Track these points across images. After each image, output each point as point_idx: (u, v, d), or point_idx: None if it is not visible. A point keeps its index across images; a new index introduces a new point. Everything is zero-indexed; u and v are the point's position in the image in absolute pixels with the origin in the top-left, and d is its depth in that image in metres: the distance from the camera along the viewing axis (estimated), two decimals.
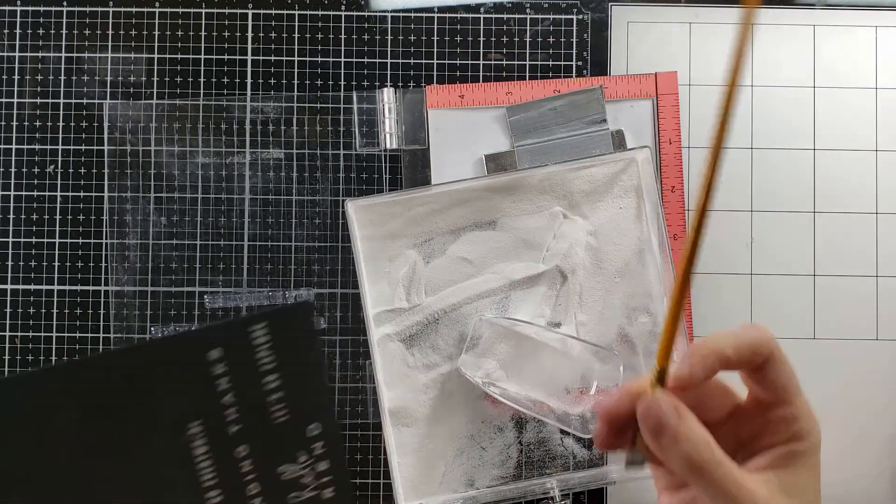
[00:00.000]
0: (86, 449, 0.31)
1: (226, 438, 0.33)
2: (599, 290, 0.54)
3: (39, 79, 0.58)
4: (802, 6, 0.57)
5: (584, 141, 0.55)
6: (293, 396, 0.34)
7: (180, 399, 0.31)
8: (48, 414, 0.29)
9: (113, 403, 0.31)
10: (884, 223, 0.56)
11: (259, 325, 0.31)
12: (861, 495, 0.56)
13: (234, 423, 0.33)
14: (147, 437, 0.32)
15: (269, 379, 0.33)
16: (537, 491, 0.54)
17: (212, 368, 0.31)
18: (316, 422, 0.35)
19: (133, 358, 0.30)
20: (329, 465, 0.36)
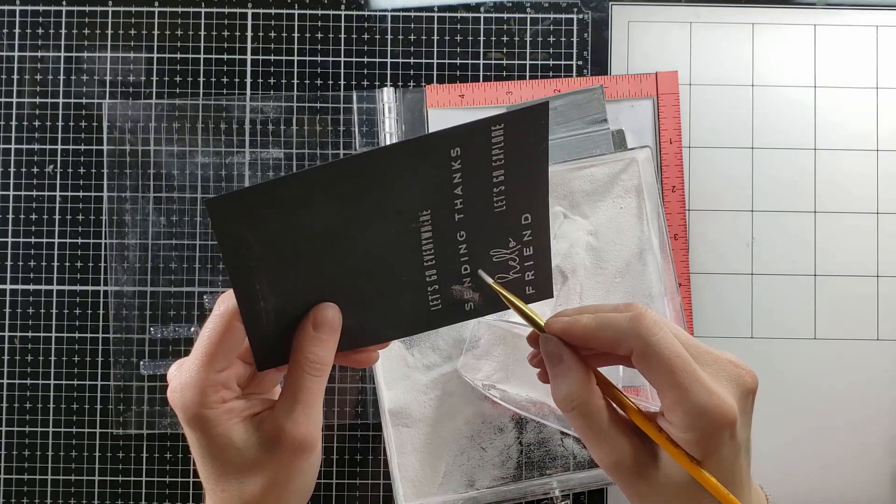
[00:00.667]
0: (330, 237, 0.36)
1: (450, 225, 0.38)
2: (600, 290, 0.54)
3: (39, 78, 0.57)
4: (803, 6, 0.57)
5: (584, 141, 0.55)
6: (514, 189, 0.38)
7: (418, 191, 0.36)
8: (302, 209, 0.33)
9: (361, 197, 0.34)
10: (884, 223, 0.56)
11: (498, 125, 0.34)
12: (861, 495, 0.56)
13: (458, 212, 0.37)
14: (385, 225, 0.36)
15: (497, 173, 0.37)
16: (537, 491, 0.54)
17: (450, 163, 0.34)
18: (528, 212, 0.39)
19: (385, 155, 0.33)
20: (533, 251, 0.40)
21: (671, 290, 0.53)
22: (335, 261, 0.37)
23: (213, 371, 0.37)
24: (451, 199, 0.37)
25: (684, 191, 0.56)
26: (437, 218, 0.37)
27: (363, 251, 0.37)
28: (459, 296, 0.40)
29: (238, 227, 0.34)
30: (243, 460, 0.37)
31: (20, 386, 0.57)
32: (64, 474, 0.56)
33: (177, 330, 0.56)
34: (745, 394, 0.36)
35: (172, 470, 0.56)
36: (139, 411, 0.56)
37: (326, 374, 0.38)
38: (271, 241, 0.35)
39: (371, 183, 0.35)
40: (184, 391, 0.37)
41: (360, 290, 0.38)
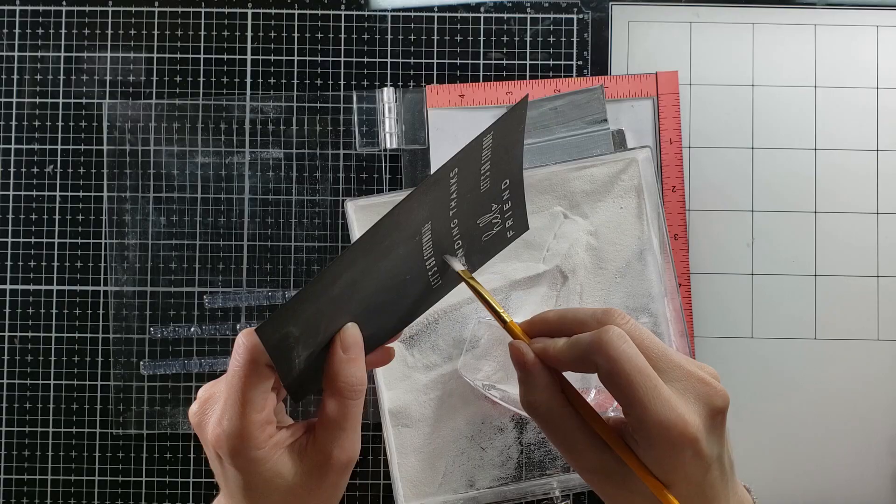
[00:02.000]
0: (352, 287, 0.38)
1: (446, 222, 0.40)
2: (600, 290, 0.54)
3: (39, 78, 0.57)
4: (803, 6, 0.57)
5: (584, 141, 0.55)
6: (496, 167, 0.40)
7: (423, 214, 0.38)
8: (334, 285, 0.36)
9: (380, 246, 0.37)
10: (884, 223, 0.56)
11: (488, 135, 0.36)
12: (861, 495, 0.56)
13: (451, 209, 0.39)
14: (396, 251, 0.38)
15: (485, 165, 0.39)
16: (538, 491, 0.54)
17: (450, 182, 0.38)
18: (507, 178, 0.41)
19: (403, 210, 0.35)
20: (511, 203, 0.43)
21: (671, 290, 0.53)
22: (356, 300, 0.38)
23: (254, 413, 0.37)
24: (447, 207, 0.39)
25: (684, 191, 0.56)
26: (435, 223, 0.39)
27: (376, 277, 0.38)
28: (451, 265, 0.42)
29: (281, 330, 0.35)
30: (289, 486, 0.38)
31: (20, 386, 0.57)
32: (64, 474, 0.56)
33: (177, 330, 0.56)
34: (713, 412, 0.35)
35: (172, 470, 0.56)
36: (139, 411, 0.56)
37: (364, 393, 0.38)
38: (309, 320, 0.36)
39: (388, 232, 0.36)
40: (230, 440, 0.37)
41: (374, 304, 0.39)
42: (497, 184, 0.41)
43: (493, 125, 0.37)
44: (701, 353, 0.56)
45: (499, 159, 0.39)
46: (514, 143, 0.40)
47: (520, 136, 0.40)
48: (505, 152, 0.39)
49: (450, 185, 0.38)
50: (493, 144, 0.38)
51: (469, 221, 0.41)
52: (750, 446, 0.56)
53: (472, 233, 0.42)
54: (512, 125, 0.39)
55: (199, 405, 0.38)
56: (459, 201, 0.39)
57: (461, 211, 0.40)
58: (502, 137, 0.38)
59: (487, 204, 0.41)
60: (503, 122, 0.37)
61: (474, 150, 0.37)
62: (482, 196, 0.41)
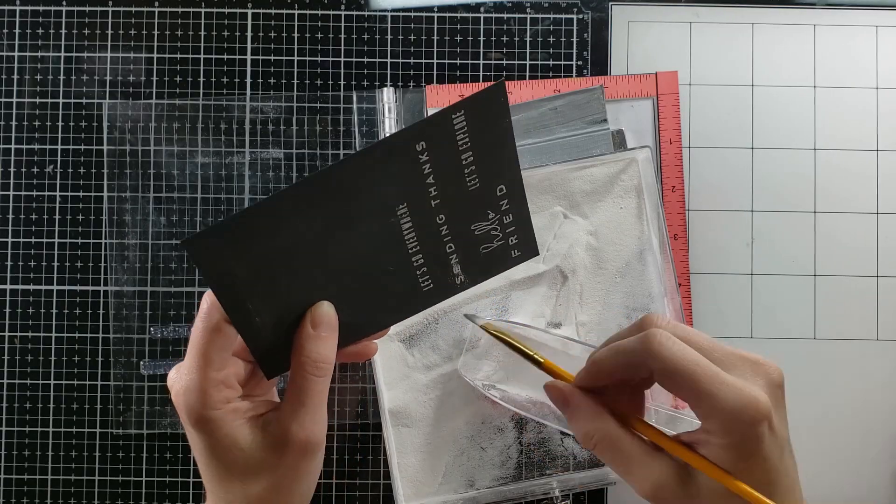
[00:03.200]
0: (312, 247, 0.37)
1: (427, 211, 0.39)
2: (600, 291, 0.54)
3: (39, 78, 0.57)
4: (802, 6, 0.57)
5: (584, 141, 0.55)
6: (484, 166, 0.39)
7: (392, 188, 0.38)
8: (280, 229, 0.36)
9: (336, 206, 0.37)
10: (884, 223, 0.56)
11: (458, 113, 0.36)
12: (861, 495, 0.56)
13: (433, 199, 0.39)
14: (364, 226, 0.38)
15: (466, 155, 0.39)
16: (537, 491, 0.54)
17: (418, 157, 0.37)
18: (502, 184, 0.41)
19: (355, 166, 0.35)
20: (513, 217, 0.42)
21: (671, 290, 0.53)
22: (321, 266, 0.38)
23: (211, 370, 0.37)
24: (424, 188, 0.38)
25: (684, 191, 0.56)
26: (413, 208, 0.38)
27: (346, 253, 0.38)
28: (447, 272, 0.42)
29: (220, 259, 0.35)
30: (248, 462, 0.38)
31: (20, 386, 0.57)
32: (64, 474, 0.56)
33: (177, 330, 0.56)
34: (774, 387, 0.35)
35: (172, 470, 0.56)
36: (139, 411, 0.56)
37: (329, 374, 0.38)
38: (255, 264, 0.36)
39: (344, 192, 0.36)
40: (187, 394, 0.37)
41: (350, 287, 0.39)
42: (489, 187, 0.40)
43: (462, 102, 0.36)
44: None
45: (484, 155, 0.39)
46: (501, 141, 0.39)
47: (505, 134, 0.39)
48: (490, 149, 0.39)
49: (420, 161, 0.37)
50: (468, 129, 0.37)
51: (461, 224, 0.41)
52: None
53: (466, 238, 0.41)
54: (490, 113, 0.38)
55: (175, 368, 0.39)
56: (442, 191, 0.39)
57: (447, 206, 0.39)
58: (480, 125, 0.38)
59: (482, 209, 0.41)
60: (474, 104, 0.37)
61: (443, 127, 0.37)
62: (472, 197, 0.40)
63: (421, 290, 0.41)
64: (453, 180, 0.39)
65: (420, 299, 0.42)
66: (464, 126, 0.37)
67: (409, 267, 0.40)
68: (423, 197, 0.38)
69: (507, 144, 0.39)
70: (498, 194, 0.41)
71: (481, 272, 0.43)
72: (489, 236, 0.42)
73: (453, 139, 0.37)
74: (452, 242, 0.41)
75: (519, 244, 0.43)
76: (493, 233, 0.42)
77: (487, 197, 0.40)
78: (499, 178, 0.40)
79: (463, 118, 0.37)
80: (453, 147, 0.38)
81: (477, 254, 0.42)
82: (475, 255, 0.42)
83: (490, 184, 0.40)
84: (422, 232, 0.39)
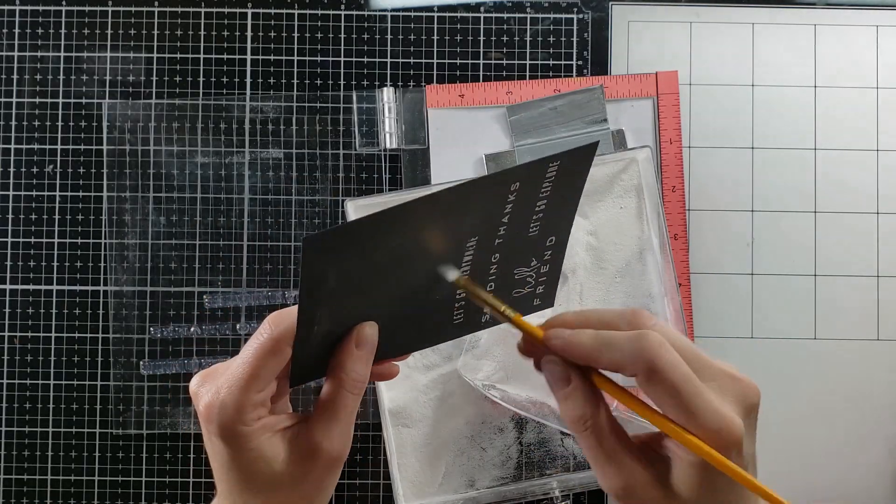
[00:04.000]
0: (393, 268, 0.37)
1: (489, 248, 0.39)
2: (600, 290, 0.54)
3: (39, 78, 0.57)
4: (803, 6, 0.57)
5: (584, 140, 0.55)
6: (549, 216, 0.39)
7: (475, 221, 0.37)
8: (382, 243, 0.36)
9: (431, 228, 0.36)
10: (884, 223, 0.56)
11: (554, 163, 0.37)
12: (861, 495, 0.56)
13: (499, 238, 0.39)
14: (439, 253, 0.37)
15: (541, 204, 0.39)
16: (537, 491, 0.54)
17: (507, 196, 0.37)
18: (554, 235, 0.41)
19: (462, 191, 0.36)
20: (549, 268, 0.42)
21: (671, 290, 0.53)
22: (389, 288, 0.38)
23: (254, 392, 0.36)
24: (497, 227, 0.38)
25: (684, 191, 0.56)
26: (481, 244, 0.38)
27: (411, 276, 0.38)
28: (480, 309, 0.41)
29: (324, 262, 0.35)
30: (273, 474, 0.37)
31: (20, 386, 0.57)
32: (64, 474, 0.56)
33: (177, 330, 0.56)
34: (749, 410, 0.35)
35: (172, 470, 0.56)
36: (139, 411, 0.56)
37: (363, 392, 0.38)
38: (347, 275, 0.36)
39: (444, 215, 0.36)
40: (223, 409, 0.36)
41: (398, 310, 0.39)
42: (544, 236, 0.40)
43: (560, 154, 0.36)
44: None
45: (553, 206, 0.38)
46: (572, 196, 0.39)
47: (578, 191, 0.39)
48: (561, 202, 0.39)
49: (507, 201, 0.37)
50: (553, 180, 0.37)
51: (508, 265, 0.40)
52: None
53: (506, 280, 0.41)
54: (575, 169, 0.38)
55: (201, 377, 0.38)
56: (509, 232, 0.38)
57: (505, 246, 0.39)
58: (563, 179, 0.37)
59: (529, 255, 0.40)
60: (569, 158, 0.36)
61: (538, 173, 0.36)
62: (527, 242, 0.40)
63: (451, 322, 0.41)
64: (521, 224, 0.39)
65: (448, 330, 0.41)
66: (552, 176, 0.37)
67: (452, 298, 0.40)
68: (492, 234, 0.38)
69: (575, 201, 0.39)
70: (546, 244, 0.40)
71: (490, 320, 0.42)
72: (524, 282, 0.41)
73: (539, 186, 0.37)
74: (494, 282, 0.40)
75: (543, 294, 0.42)
76: (528, 279, 0.41)
77: (539, 245, 0.40)
78: (555, 230, 0.40)
79: (555, 169, 0.37)
80: (535, 193, 0.38)
81: (508, 296, 0.41)
82: (507, 297, 0.41)
83: (546, 233, 0.40)
84: (476, 267, 0.39)
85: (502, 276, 0.40)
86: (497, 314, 0.38)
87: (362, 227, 0.34)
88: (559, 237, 0.41)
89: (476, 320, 0.42)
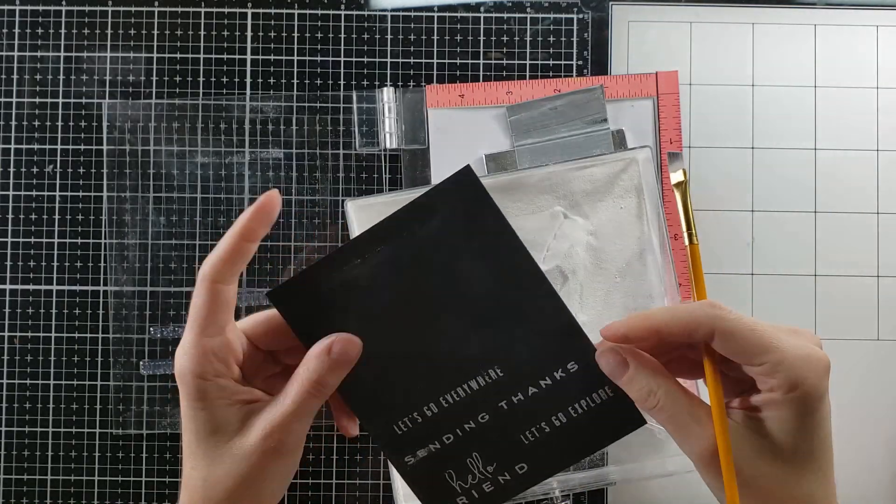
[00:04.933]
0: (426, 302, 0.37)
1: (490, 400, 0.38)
2: (600, 291, 0.54)
3: (39, 78, 0.57)
4: (803, 6, 0.57)
5: (584, 140, 0.55)
6: (548, 441, 0.38)
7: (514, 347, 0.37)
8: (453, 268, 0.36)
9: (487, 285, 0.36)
10: (884, 223, 0.56)
11: (608, 391, 0.38)
12: (861, 495, 0.56)
13: (506, 402, 0.38)
14: (468, 333, 0.37)
15: (561, 416, 0.38)
16: (537, 491, 0.54)
17: (557, 370, 0.38)
18: (528, 465, 0.39)
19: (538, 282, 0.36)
20: (490, 491, 0.40)
21: (671, 290, 0.53)
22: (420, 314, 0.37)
23: (203, 336, 0.37)
24: (519, 388, 0.38)
25: None
26: (496, 386, 0.38)
27: (441, 327, 0.37)
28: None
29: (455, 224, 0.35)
30: (218, 443, 0.37)
31: (20, 386, 0.57)
32: (64, 474, 0.56)
33: (177, 330, 0.56)
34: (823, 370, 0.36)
35: (172, 470, 0.56)
36: (139, 411, 0.56)
37: (325, 398, 0.38)
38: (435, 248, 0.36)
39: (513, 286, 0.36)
40: (179, 358, 0.37)
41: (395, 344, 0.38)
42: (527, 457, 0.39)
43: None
44: None
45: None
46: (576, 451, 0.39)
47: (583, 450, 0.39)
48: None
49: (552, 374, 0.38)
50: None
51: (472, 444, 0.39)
52: None
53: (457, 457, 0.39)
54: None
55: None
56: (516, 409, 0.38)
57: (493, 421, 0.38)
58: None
59: (495, 453, 0.39)
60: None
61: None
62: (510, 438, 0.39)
63: (391, 426, 0.39)
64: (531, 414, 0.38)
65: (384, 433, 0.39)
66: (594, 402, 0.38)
67: (419, 406, 0.38)
68: (504, 394, 0.38)
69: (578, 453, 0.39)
70: (516, 469, 0.39)
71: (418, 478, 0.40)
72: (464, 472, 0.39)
73: (580, 396, 0.38)
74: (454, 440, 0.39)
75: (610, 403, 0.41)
76: (469, 475, 0.39)
77: (513, 456, 0.39)
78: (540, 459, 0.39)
79: (602, 398, 0.38)
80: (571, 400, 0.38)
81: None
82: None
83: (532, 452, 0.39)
84: (464, 404, 0.38)
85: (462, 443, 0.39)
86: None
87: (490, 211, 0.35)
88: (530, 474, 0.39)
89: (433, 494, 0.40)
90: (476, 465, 0.39)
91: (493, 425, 0.38)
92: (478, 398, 0.38)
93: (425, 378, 0.38)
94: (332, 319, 0.37)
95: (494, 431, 0.38)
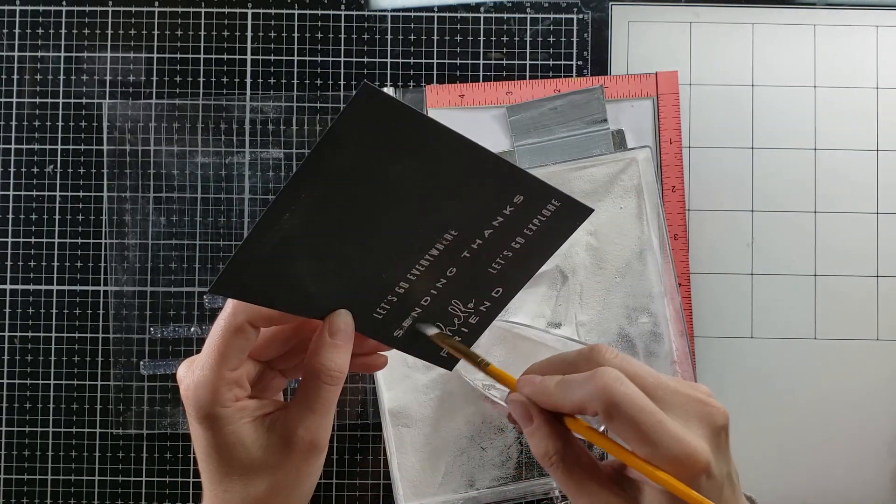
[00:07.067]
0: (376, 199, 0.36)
1: (455, 257, 0.38)
2: (600, 290, 0.54)
3: (39, 78, 0.57)
4: (803, 6, 0.57)
5: (584, 141, 0.55)
6: (515, 261, 0.39)
7: (467, 210, 0.37)
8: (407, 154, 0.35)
9: (439, 177, 0.36)
10: (884, 223, 0.56)
11: (557, 202, 0.38)
12: (861, 495, 0.56)
13: (469, 251, 0.38)
14: (414, 221, 0.37)
15: (520, 240, 0.38)
16: (538, 491, 0.54)
17: (507, 206, 0.37)
18: (502, 286, 0.40)
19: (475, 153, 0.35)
20: (478, 320, 0.41)
21: (671, 290, 0.53)
22: (362, 235, 0.37)
23: (225, 369, 0.37)
24: (476, 236, 0.38)
25: (684, 191, 0.56)
26: (453, 244, 0.38)
27: (388, 227, 0.37)
28: (401, 318, 0.40)
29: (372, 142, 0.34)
30: (251, 460, 0.38)
31: (20, 386, 0.57)
32: (64, 474, 0.56)
33: (177, 330, 0.56)
34: (717, 432, 0.35)
35: (172, 470, 0.56)
36: (139, 411, 0.56)
37: (341, 383, 0.38)
38: (342, 188, 0.35)
39: (452, 165, 0.35)
40: (197, 389, 0.37)
41: (351, 261, 0.38)
42: (496, 283, 0.39)
43: (564, 196, 0.37)
44: (701, 353, 0.56)
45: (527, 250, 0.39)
46: (541, 253, 0.39)
47: (553, 248, 0.39)
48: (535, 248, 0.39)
49: (502, 211, 0.37)
50: (546, 219, 0.37)
51: (452, 290, 0.39)
52: (750, 447, 0.56)
53: (438, 306, 0.40)
54: (564, 223, 0.38)
55: (186, 363, 0.39)
56: (480, 251, 0.38)
57: (469, 264, 0.38)
58: (552, 225, 0.38)
59: (472, 294, 0.40)
60: (567, 207, 0.37)
61: (540, 200, 0.37)
62: (482, 277, 0.39)
63: (371, 315, 0.39)
64: (495, 250, 0.38)
65: (366, 324, 0.40)
66: (546, 215, 0.38)
67: (391, 288, 0.38)
68: (469, 240, 0.38)
69: (543, 257, 0.40)
70: (492, 294, 0.40)
71: (412, 343, 0.41)
72: (451, 320, 0.40)
73: (531, 218, 0.38)
74: (432, 299, 0.39)
75: (462, 340, 0.41)
76: (455, 319, 0.40)
77: (486, 288, 0.40)
78: (506, 282, 0.40)
79: (553, 210, 0.37)
80: (525, 224, 0.38)
81: (430, 325, 0.40)
82: (428, 325, 0.40)
83: (499, 280, 0.39)
84: (434, 268, 0.38)
85: (440, 299, 0.39)
86: (474, 363, 0.38)
87: (406, 118, 0.34)
88: (507, 293, 0.40)
89: (391, 330, 0.40)
90: (457, 309, 0.40)
91: (461, 274, 0.39)
92: (442, 259, 0.38)
93: (388, 269, 0.38)
94: (285, 275, 0.36)
95: (465, 277, 0.39)
